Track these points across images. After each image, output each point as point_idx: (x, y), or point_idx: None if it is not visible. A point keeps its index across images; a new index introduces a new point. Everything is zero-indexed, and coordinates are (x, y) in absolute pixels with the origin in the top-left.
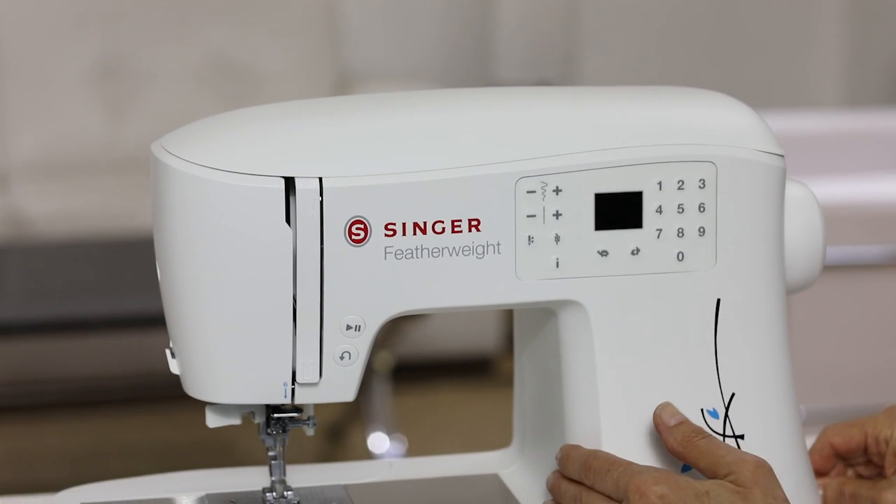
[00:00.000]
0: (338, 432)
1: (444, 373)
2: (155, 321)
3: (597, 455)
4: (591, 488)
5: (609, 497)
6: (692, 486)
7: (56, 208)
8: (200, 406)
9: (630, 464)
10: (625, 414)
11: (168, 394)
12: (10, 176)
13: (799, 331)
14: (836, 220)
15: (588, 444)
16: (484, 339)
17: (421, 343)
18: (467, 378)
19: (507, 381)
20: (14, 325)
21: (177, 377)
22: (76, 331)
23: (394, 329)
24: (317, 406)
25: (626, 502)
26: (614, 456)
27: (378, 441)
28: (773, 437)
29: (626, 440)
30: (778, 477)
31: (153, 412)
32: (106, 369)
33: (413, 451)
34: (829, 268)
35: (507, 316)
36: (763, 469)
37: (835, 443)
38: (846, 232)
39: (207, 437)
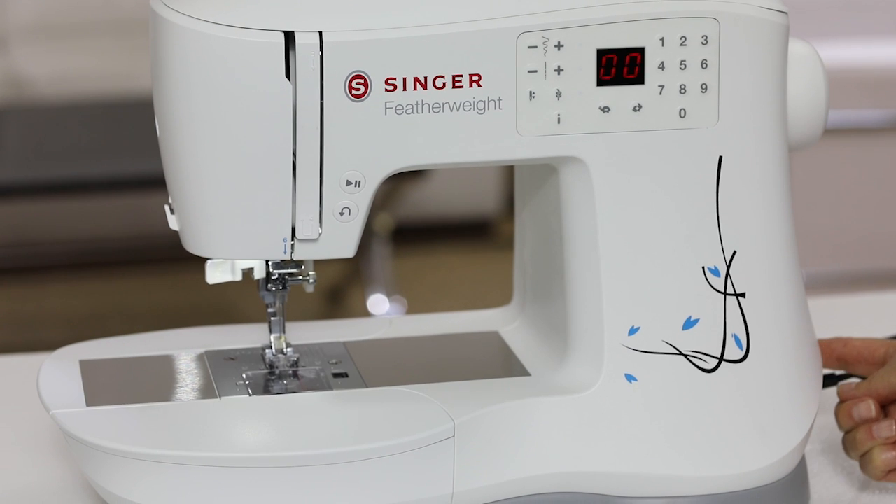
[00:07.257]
0: (337, 294)
1: (444, 235)
2: (154, 182)
3: None
4: None
5: None
6: None
7: (56, 69)
8: (200, 268)
9: None
10: (625, 270)
11: (168, 255)
12: (9, 37)
13: (799, 195)
14: (838, 83)
15: (589, 301)
16: (484, 201)
17: (421, 205)
18: (467, 240)
19: (507, 244)
20: (14, 187)
21: (177, 239)
22: (75, 192)
23: (394, 191)
24: (316, 267)
25: None
26: None
27: (378, 302)
28: (774, 295)
29: (625, 297)
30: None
31: (153, 274)
32: (105, 231)
33: (412, 312)
34: (830, 131)
35: (508, 178)
36: None
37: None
38: (847, 95)
39: (207, 300)
